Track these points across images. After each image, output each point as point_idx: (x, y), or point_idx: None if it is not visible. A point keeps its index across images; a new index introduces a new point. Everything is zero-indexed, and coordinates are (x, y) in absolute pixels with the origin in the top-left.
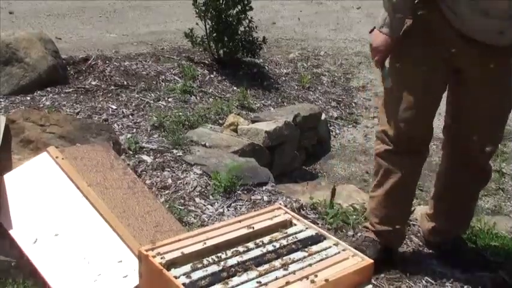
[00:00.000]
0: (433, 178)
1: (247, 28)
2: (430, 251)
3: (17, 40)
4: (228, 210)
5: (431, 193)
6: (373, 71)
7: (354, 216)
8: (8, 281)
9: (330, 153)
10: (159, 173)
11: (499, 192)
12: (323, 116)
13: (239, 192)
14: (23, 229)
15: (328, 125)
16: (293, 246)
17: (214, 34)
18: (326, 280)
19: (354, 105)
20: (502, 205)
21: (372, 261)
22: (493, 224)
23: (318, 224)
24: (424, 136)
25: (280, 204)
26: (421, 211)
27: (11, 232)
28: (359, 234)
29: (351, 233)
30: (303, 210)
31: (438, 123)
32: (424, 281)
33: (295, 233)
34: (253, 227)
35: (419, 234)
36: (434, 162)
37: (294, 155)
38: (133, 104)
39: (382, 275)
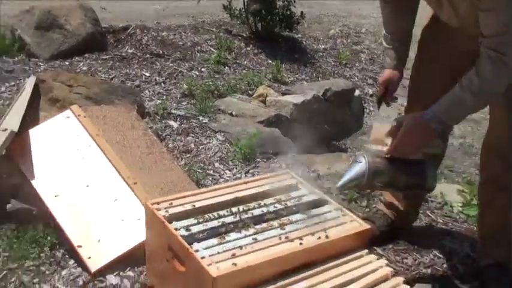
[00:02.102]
0: (465, 160)
1: (285, 2)
2: (444, 227)
3: (58, 7)
4: (246, 176)
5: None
6: (413, 49)
7: None
8: (29, 228)
9: (361, 129)
10: (182, 138)
11: None
12: (357, 92)
13: (258, 159)
14: (44, 181)
15: (363, 101)
16: (294, 208)
17: (253, 7)
18: (320, 240)
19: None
20: None
21: (368, 227)
22: None
23: (332, 194)
24: None
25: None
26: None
27: (33, 183)
28: (373, 206)
29: (364, 204)
30: (320, 180)
31: None
32: (431, 255)
33: (298, 197)
34: (258, 189)
35: (435, 211)
36: (467, 144)
37: (323, 128)
38: (166, 73)
39: (390, 246)
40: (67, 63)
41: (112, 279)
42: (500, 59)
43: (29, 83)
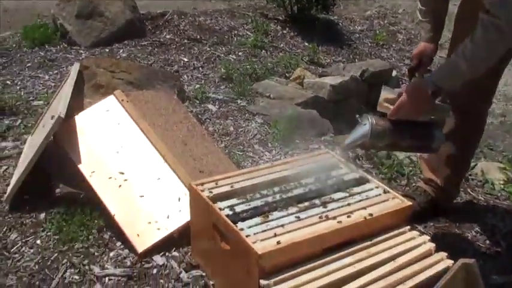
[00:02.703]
0: (506, 139)
1: None
2: (485, 204)
3: None
4: (285, 157)
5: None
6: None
7: (410, 168)
8: (77, 212)
9: None
10: (222, 121)
11: None
12: (394, 73)
13: (297, 141)
14: (91, 165)
15: (400, 82)
16: (335, 186)
17: None
18: (362, 218)
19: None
20: None
21: (410, 203)
22: None
23: (372, 173)
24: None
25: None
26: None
27: (80, 167)
28: (412, 184)
29: (404, 182)
30: (359, 160)
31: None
32: (473, 232)
33: (340, 176)
34: (299, 169)
35: (476, 189)
36: (508, 123)
37: (361, 110)
38: (204, 57)
39: (431, 224)
40: (107, 50)
41: (159, 259)
42: (492, 23)
43: (73, 70)
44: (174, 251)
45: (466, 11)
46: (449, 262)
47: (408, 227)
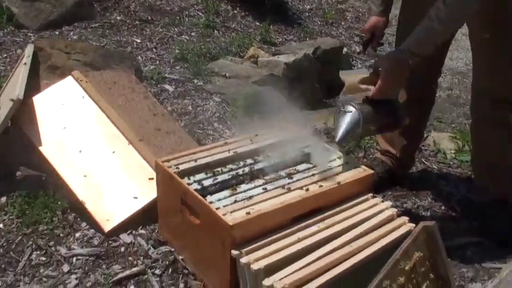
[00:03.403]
0: (454, 111)
1: None
2: (438, 173)
3: None
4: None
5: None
6: (397, 7)
7: (366, 141)
8: (40, 194)
9: None
10: (179, 101)
11: None
12: (344, 50)
13: (256, 118)
14: (52, 146)
15: (351, 59)
16: (299, 158)
17: None
18: (327, 186)
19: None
20: None
21: (372, 171)
22: None
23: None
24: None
25: None
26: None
27: (41, 148)
28: (370, 156)
29: (361, 155)
30: (318, 134)
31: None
32: (429, 199)
33: (303, 148)
34: (263, 143)
35: (430, 158)
36: (454, 95)
37: (315, 87)
38: (157, 38)
39: (389, 193)
40: (57, 33)
41: (126, 237)
42: None
43: (27, 51)
44: (141, 228)
45: None
46: (411, 225)
47: (371, 194)
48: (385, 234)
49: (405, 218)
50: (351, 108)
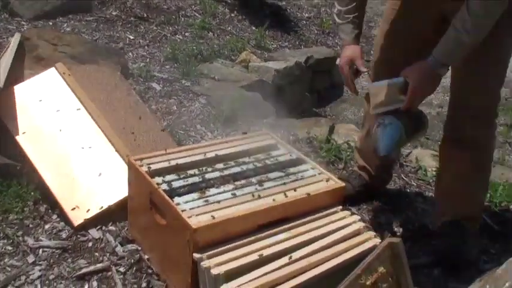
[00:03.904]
0: (441, 128)
1: None
2: (417, 190)
3: None
4: (226, 138)
5: None
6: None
7: (348, 152)
8: (13, 183)
9: (342, 97)
10: (165, 100)
11: (505, 145)
12: (338, 61)
13: (240, 122)
14: (29, 137)
15: None
16: (272, 166)
17: None
18: (296, 196)
19: (372, 53)
20: (505, 158)
21: (343, 184)
22: None
23: (310, 156)
24: None
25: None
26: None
27: (17, 138)
28: (350, 168)
29: (341, 166)
30: (299, 143)
31: None
32: (404, 215)
33: (277, 156)
34: (238, 148)
35: (410, 175)
36: (444, 113)
37: (305, 96)
38: (150, 36)
39: (364, 206)
40: (51, 23)
41: (94, 233)
42: None
43: (14, 40)
44: (111, 225)
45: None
46: (377, 241)
47: (340, 206)
48: (350, 248)
49: (372, 233)
50: (391, 120)
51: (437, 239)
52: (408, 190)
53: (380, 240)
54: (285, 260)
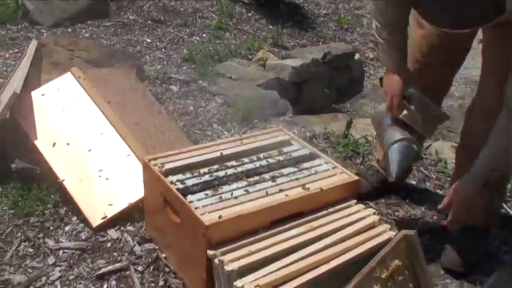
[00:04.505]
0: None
1: None
2: (437, 182)
3: None
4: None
5: None
6: None
7: (365, 147)
8: (34, 187)
9: (361, 93)
10: (182, 101)
11: None
12: (357, 56)
13: (256, 120)
14: (47, 140)
15: (363, 65)
16: (285, 162)
17: None
18: (309, 191)
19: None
20: None
21: (357, 178)
22: None
23: (327, 152)
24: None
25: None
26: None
27: (36, 142)
28: (367, 163)
29: (359, 161)
30: (316, 139)
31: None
32: (423, 208)
33: (290, 152)
34: (251, 145)
35: (429, 167)
36: (466, 105)
37: (323, 92)
38: (167, 38)
39: (382, 200)
40: (69, 30)
41: (113, 233)
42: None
43: (31, 47)
44: (129, 225)
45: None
46: (392, 233)
47: (354, 200)
48: (365, 241)
49: (387, 226)
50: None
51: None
52: (428, 183)
53: (395, 233)
54: (298, 254)
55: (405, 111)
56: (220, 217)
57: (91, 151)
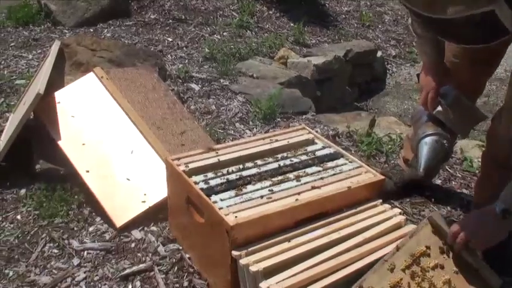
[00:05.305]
0: (488, 118)
1: None
2: (462, 181)
3: None
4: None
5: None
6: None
7: (389, 146)
8: (57, 187)
9: (384, 90)
10: (204, 100)
11: None
12: (379, 54)
13: (278, 119)
14: (70, 141)
15: (386, 63)
16: (309, 161)
17: None
18: (334, 191)
19: (414, 44)
20: None
21: (382, 177)
22: None
23: (351, 151)
24: None
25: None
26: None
27: (60, 143)
28: (392, 162)
29: (383, 160)
30: (339, 138)
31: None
32: (449, 207)
33: (314, 151)
34: (275, 144)
35: (455, 166)
36: (491, 102)
37: (345, 90)
38: (188, 37)
39: (407, 200)
40: (91, 30)
41: (137, 233)
42: None
43: (54, 47)
44: (153, 225)
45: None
46: None
47: (380, 200)
48: (390, 242)
49: (413, 226)
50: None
51: None
52: (453, 182)
53: None
54: (324, 255)
55: (439, 108)
56: (244, 217)
57: (114, 151)
